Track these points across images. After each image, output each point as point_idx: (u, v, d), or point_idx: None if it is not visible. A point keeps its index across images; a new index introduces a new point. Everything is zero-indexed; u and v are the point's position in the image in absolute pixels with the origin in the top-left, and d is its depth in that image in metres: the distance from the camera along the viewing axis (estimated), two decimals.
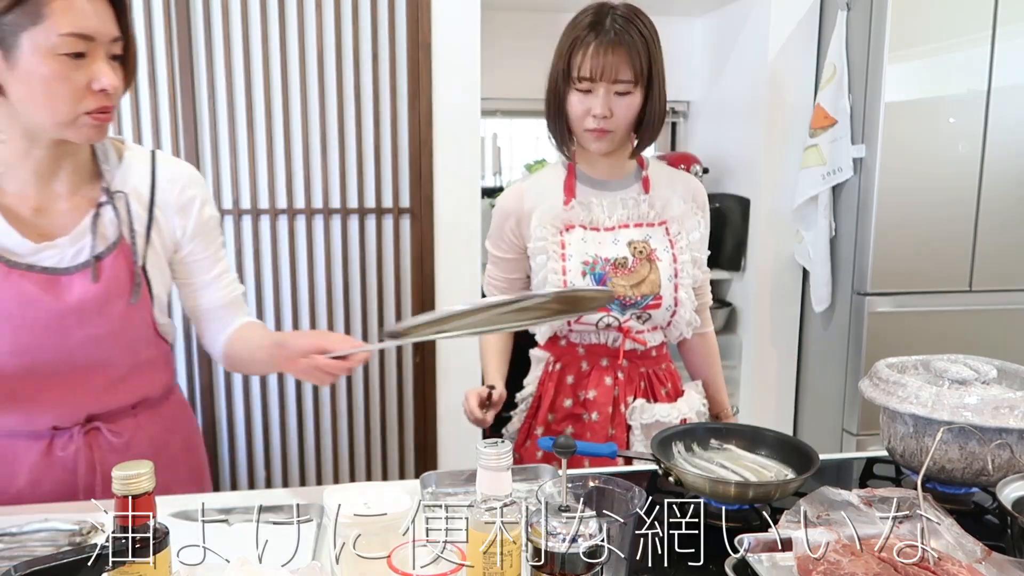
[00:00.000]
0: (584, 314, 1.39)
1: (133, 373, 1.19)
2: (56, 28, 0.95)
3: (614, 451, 1.28)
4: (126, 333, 1.16)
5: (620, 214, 1.46)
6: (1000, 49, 2.41)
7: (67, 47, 0.96)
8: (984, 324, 2.56)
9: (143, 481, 0.75)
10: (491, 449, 0.80)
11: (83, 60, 0.98)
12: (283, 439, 2.58)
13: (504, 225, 1.50)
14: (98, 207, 1.12)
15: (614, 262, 1.43)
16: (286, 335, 1.16)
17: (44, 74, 0.96)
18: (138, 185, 1.16)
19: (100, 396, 1.16)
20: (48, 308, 1.07)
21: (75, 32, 0.96)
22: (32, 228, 1.08)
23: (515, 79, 2.74)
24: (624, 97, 1.36)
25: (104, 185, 1.13)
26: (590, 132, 1.39)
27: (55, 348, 1.10)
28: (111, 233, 1.13)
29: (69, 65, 0.97)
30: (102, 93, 1.00)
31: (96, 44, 0.99)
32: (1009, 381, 1.20)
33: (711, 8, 3.08)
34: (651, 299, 1.44)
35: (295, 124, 2.42)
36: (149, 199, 1.17)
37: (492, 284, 1.58)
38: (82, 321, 1.10)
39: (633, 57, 1.34)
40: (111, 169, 1.15)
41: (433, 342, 2.58)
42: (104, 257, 1.11)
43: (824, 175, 2.59)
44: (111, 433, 1.17)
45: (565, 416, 1.50)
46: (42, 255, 1.08)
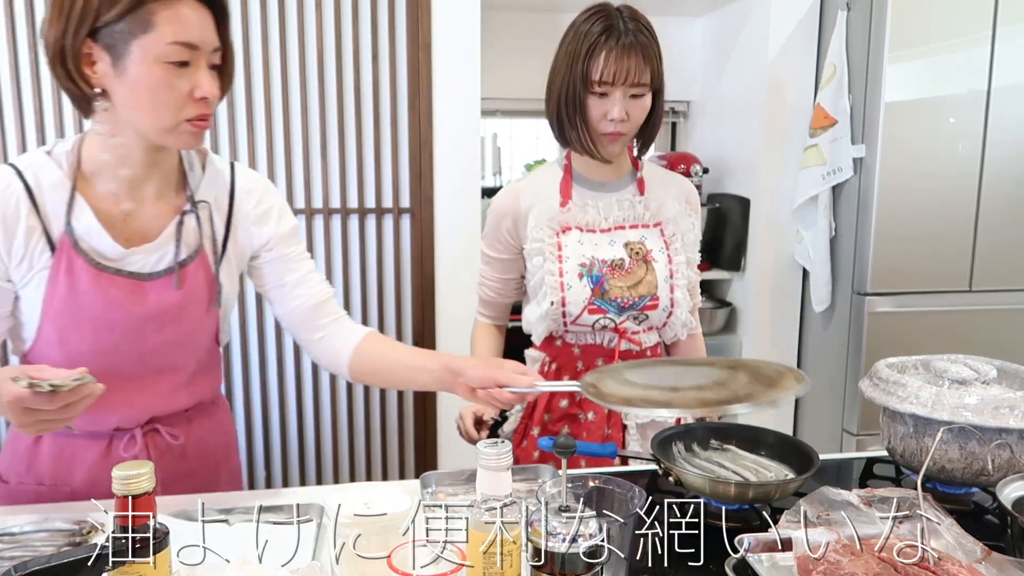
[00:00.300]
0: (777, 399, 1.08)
1: (195, 377, 1.22)
2: (164, 37, 0.97)
3: (614, 451, 1.28)
4: (196, 339, 1.19)
5: (616, 215, 1.47)
6: (1000, 49, 2.41)
7: (174, 55, 0.98)
8: (984, 324, 2.56)
9: (143, 481, 0.75)
10: (491, 449, 0.80)
11: (187, 68, 1.00)
12: (283, 439, 2.58)
13: (500, 225, 1.50)
14: (182, 215, 1.14)
15: (611, 264, 1.43)
16: (460, 362, 1.17)
17: (150, 81, 0.99)
18: (219, 195, 1.19)
19: (164, 399, 1.18)
20: (130, 313, 1.09)
21: (181, 41, 0.98)
22: (120, 232, 1.10)
23: (515, 79, 2.73)
24: (639, 99, 1.38)
25: (189, 193, 1.16)
26: (606, 136, 1.40)
27: (130, 352, 1.12)
28: (193, 241, 1.15)
29: (174, 73, 0.99)
30: (203, 101, 1.03)
31: (199, 53, 1.01)
32: (1009, 381, 1.20)
33: (711, 8, 3.08)
34: (648, 300, 1.45)
35: (295, 124, 2.42)
36: (228, 209, 1.19)
37: (485, 284, 1.58)
38: (160, 327, 1.12)
39: (648, 59, 1.35)
40: (195, 178, 1.17)
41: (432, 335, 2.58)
42: (187, 264, 1.14)
43: (824, 175, 2.59)
44: (169, 435, 1.19)
45: (561, 416, 1.51)
46: (128, 260, 1.09)
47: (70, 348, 1.09)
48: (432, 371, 1.20)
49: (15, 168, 1.06)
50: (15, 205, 1.04)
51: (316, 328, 1.26)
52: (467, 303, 1.85)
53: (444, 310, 2.56)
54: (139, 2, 0.95)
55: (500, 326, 1.63)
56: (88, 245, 1.07)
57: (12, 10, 2.22)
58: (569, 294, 1.43)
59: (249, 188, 1.22)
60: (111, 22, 0.96)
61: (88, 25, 0.96)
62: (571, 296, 1.43)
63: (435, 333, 2.58)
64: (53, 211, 1.06)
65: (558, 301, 1.43)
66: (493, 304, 1.59)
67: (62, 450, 1.15)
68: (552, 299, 1.43)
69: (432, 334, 2.58)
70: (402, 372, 1.25)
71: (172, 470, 1.19)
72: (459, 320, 2.53)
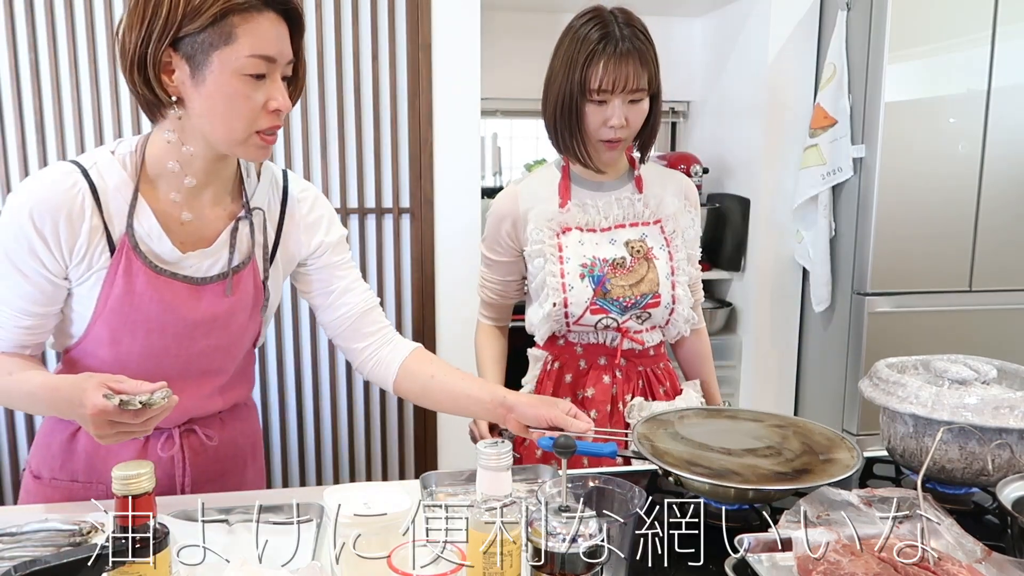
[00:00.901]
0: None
1: (234, 381, 1.23)
2: (244, 49, 0.97)
3: (614, 451, 1.28)
4: (240, 344, 1.20)
5: (616, 214, 1.47)
6: (1000, 49, 2.41)
7: (252, 68, 0.99)
8: (984, 324, 2.56)
9: (143, 481, 0.76)
10: (491, 449, 0.80)
11: (263, 81, 1.01)
12: (283, 439, 2.58)
13: (500, 228, 1.50)
14: (237, 221, 1.14)
15: (612, 263, 1.43)
16: (513, 398, 1.19)
17: (228, 92, 0.99)
18: (272, 202, 1.19)
19: (204, 401, 1.20)
20: (183, 317, 1.10)
21: (261, 54, 0.99)
22: (177, 235, 1.10)
23: (515, 79, 2.74)
24: (637, 105, 1.38)
25: (244, 200, 1.16)
26: (605, 143, 1.40)
27: (179, 355, 1.13)
28: (246, 247, 1.16)
29: (251, 85, 1.00)
30: (275, 113, 1.03)
31: (275, 66, 1.02)
32: (1009, 381, 1.20)
33: (711, 8, 3.08)
34: (650, 298, 1.45)
35: (295, 124, 2.42)
36: (279, 216, 1.20)
37: (486, 286, 1.58)
38: (209, 331, 1.13)
39: (646, 64, 1.36)
40: (251, 185, 1.18)
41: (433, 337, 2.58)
42: (239, 271, 1.15)
43: (824, 175, 2.59)
44: (205, 435, 1.20)
45: None
46: (184, 263, 1.10)
47: (121, 348, 1.10)
48: (484, 403, 1.21)
49: (80, 167, 1.05)
50: (80, 204, 1.04)
51: (361, 337, 1.27)
52: (467, 303, 1.86)
53: (444, 310, 2.56)
54: (222, 14, 0.96)
55: (503, 327, 1.63)
56: (147, 247, 1.08)
57: (12, 10, 2.22)
58: (571, 295, 1.43)
59: (301, 196, 1.22)
60: (193, 32, 0.96)
61: (171, 34, 0.96)
62: (573, 297, 1.43)
63: (435, 333, 2.58)
64: (116, 211, 1.06)
65: (560, 302, 1.43)
66: (495, 306, 1.59)
67: (98, 448, 1.14)
68: (554, 300, 1.43)
69: (432, 334, 2.58)
70: (452, 399, 1.25)
71: (205, 469, 1.20)
72: (459, 320, 2.53)
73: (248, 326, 1.20)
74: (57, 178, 1.03)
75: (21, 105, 2.26)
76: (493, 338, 1.61)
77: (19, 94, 2.25)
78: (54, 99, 2.27)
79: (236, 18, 0.96)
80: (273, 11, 0.99)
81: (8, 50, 2.23)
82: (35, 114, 2.27)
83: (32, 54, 2.24)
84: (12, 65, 2.24)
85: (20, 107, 2.26)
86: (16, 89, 2.25)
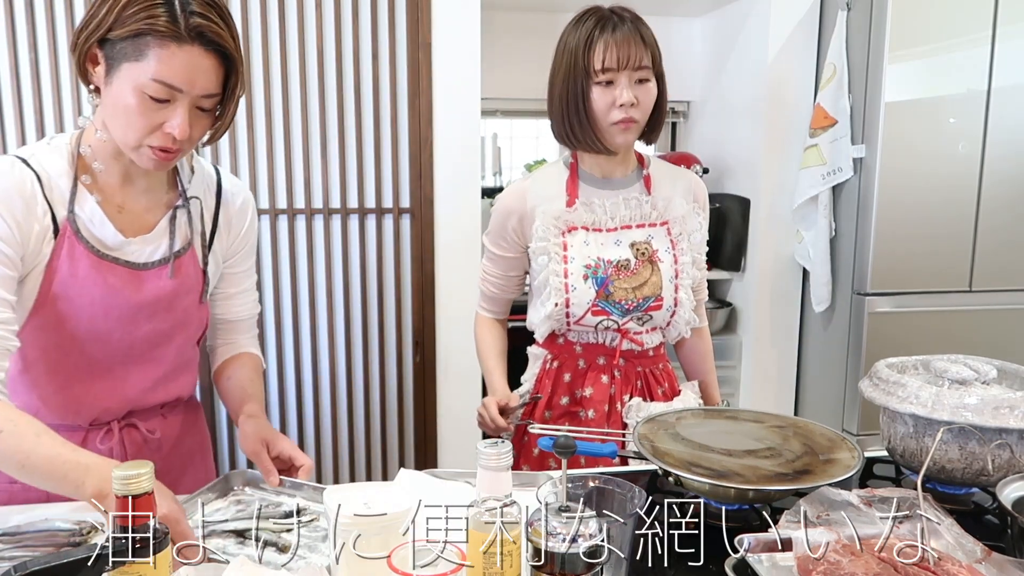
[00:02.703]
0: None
1: (175, 372, 1.26)
2: (150, 71, 1.01)
3: (614, 451, 1.28)
4: (184, 331, 1.24)
5: (623, 214, 1.46)
6: (1000, 49, 2.41)
7: (153, 91, 1.02)
8: (984, 324, 2.56)
9: (143, 481, 0.75)
10: (491, 449, 0.80)
11: (165, 104, 1.04)
12: None
13: (506, 224, 1.50)
14: (174, 209, 1.19)
15: (616, 264, 1.43)
16: (243, 420, 1.26)
17: (127, 103, 1.03)
18: (206, 195, 1.24)
19: (145, 393, 1.22)
20: (127, 299, 1.14)
21: (164, 81, 1.01)
22: (117, 223, 1.14)
23: (515, 79, 2.74)
24: (644, 84, 1.37)
25: (181, 189, 1.21)
26: (617, 124, 1.38)
27: (122, 339, 1.16)
28: (185, 234, 1.21)
29: (150, 105, 1.03)
30: (169, 136, 1.05)
31: (183, 95, 1.04)
32: (1009, 381, 1.20)
33: (711, 8, 3.08)
34: (652, 301, 1.45)
35: (295, 124, 2.43)
36: (215, 208, 1.26)
37: (488, 280, 1.58)
38: (153, 314, 1.17)
39: (647, 44, 1.37)
40: (185, 175, 1.23)
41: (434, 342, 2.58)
42: (180, 255, 1.19)
43: (824, 175, 2.59)
44: (146, 430, 1.22)
45: (562, 414, 1.51)
46: (126, 249, 1.14)
47: (65, 332, 1.12)
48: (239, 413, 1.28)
49: (20, 158, 1.09)
50: (31, 188, 1.07)
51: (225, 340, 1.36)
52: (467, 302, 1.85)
53: (444, 310, 2.56)
54: (140, 33, 1.00)
55: (502, 320, 1.63)
56: (90, 233, 1.11)
57: (12, 10, 2.22)
58: (573, 295, 1.43)
59: (234, 191, 1.29)
60: (115, 39, 1.02)
61: (100, 33, 1.02)
62: (575, 298, 1.43)
63: (435, 333, 2.58)
64: (59, 198, 1.10)
65: (562, 303, 1.43)
66: (496, 300, 1.60)
67: None
68: (556, 300, 1.43)
69: (432, 334, 2.58)
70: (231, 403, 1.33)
71: None
72: (459, 319, 2.53)
73: (192, 313, 1.23)
74: (4, 169, 1.07)
75: (21, 105, 2.26)
76: (494, 329, 1.61)
77: (19, 94, 2.26)
78: (54, 99, 2.27)
79: (152, 40, 1.00)
80: (200, 46, 1.02)
81: (8, 50, 2.23)
82: (35, 114, 2.27)
83: (32, 53, 2.24)
84: (12, 65, 2.24)
85: (20, 107, 2.26)
86: (16, 89, 2.25)
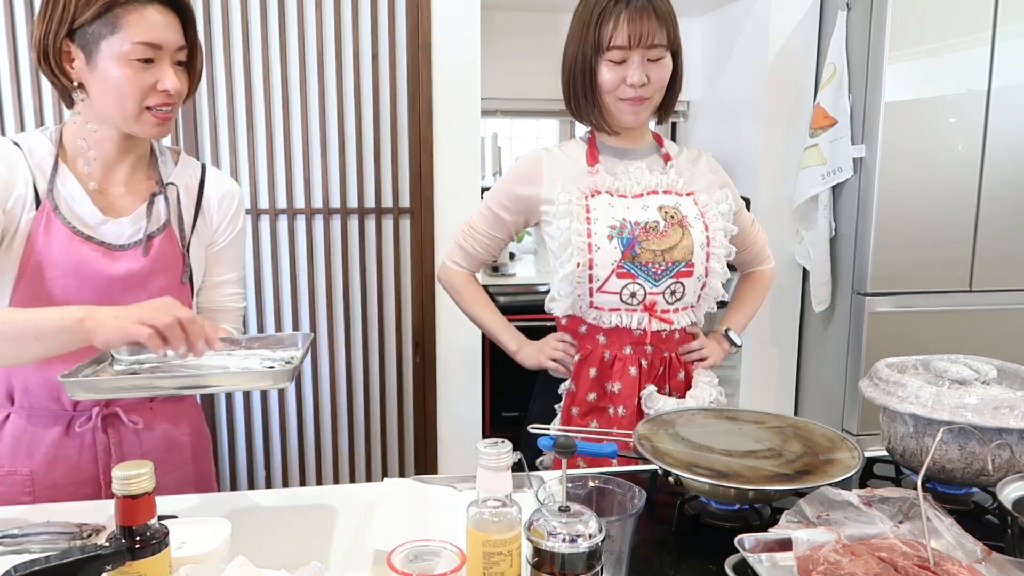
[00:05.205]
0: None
1: None
2: (129, 37, 1.08)
3: (614, 451, 1.27)
4: None
5: (648, 180, 1.41)
6: (1000, 49, 2.41)
7: (138, 54, 1.09)
8: (984, 324, 2.56)
9: (143, 481, 0.75)
10: (491, 449, 0.80)
11: (151, 65, 1.11)
12: (283, 439, 2.58)
13: (517, 187, 1.46)
14: (152, 196, 1.23)
15: (644, 225, 1.36)
16: None
17: (117, 76, 1.09)
18: (189, 182, 1.29)
19: None
20: (101, 273, 1.17)
21: (145, 41, 1.09)
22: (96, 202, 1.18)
23: (515, 79, 2.74)
24: (657, 63, 1.34)
25: (159, 177, 1.26)
26: (626, 101, 1.35)
27: None
28: (162, 217, 1.24)
29: (138, 69, 1.10)
30: (164, 93, 1.13)
31: (163, 52, 1.12)
32: (1009, 381, 1.20)
33: (711, 8, 3.08)
34: (682, 266, 1.38)
35: (295, 124, 2.43)
36: (198, 193, 1.29)
37: (474, 238, 1.53)
38: (127, 291, 1.18)
39: (663, 19, 1.32)
40: (167, 167, 1.27)
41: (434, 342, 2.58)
42: (155, 236, 1.22)
43: (824, 175, 2.59)
44: (129, 420, 1.23)
45: (589, 410, 1.45)
46: (103, 228, 1.18)
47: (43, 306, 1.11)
48: None
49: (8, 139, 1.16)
50: (14, 156, 1.14)
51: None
52: None
53: (444, 310, 2.56)
54: (108, 7, 1.07)
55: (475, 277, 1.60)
56: (69, 209, 1.15)
57: (12, 10, 2.22)
58: (597, 256, 1.35)
59: (218, 180, 1.32)
60: (84, 24, 1.07)
61: (67, 26, 1.08)
62: (599, 258, 1.35)
63: (435, 333, 2.58)
64: (42, 174, 1.15)
65: (584, 263, 1.35)
66: (475, 258, 1.55)
67: (22, 432, 1.19)
68: (579, 260, 1.35)
69: (432, 334, 2.58)
70: None
71: (128, 455, 1.22)
72: (459, 320, 2.52)
73: (171, 292, 1.21)
74: None
75: (22, 105, 2.26)
76: (474, 283, 1.58)
77: (19, 94, 2.26)
78: (54, 99, 2.27)
79: (120, 10, 1.07)
80: (158, 3, 1.10)
81: (8, 50, 2.23)
82: (35, 114, 2.27)
83: (32, 53, 2.24)
84: (12, 65, 2.24)
85: (20, 107, 2.26)
86: (16, 89, 2.25)
